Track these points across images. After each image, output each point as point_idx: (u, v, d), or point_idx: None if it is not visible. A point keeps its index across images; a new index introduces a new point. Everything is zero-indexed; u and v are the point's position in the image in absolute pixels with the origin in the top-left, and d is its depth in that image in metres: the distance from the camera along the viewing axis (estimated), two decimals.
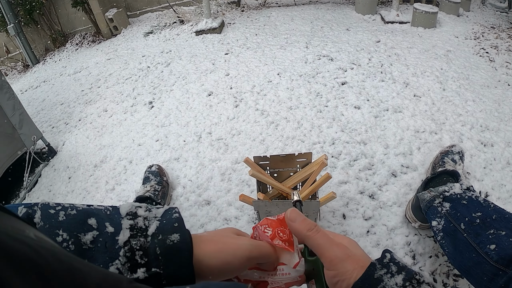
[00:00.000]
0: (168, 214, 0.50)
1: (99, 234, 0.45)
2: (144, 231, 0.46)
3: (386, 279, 0.42)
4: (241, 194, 1.11)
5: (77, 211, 0.46)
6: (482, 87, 2.18)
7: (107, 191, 1.75)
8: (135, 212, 0.49)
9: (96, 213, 0.47)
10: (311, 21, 3.36)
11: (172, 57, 3.01)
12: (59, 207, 0.46)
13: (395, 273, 0.42)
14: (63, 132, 2.38)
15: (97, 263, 0.43)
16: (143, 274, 0.43)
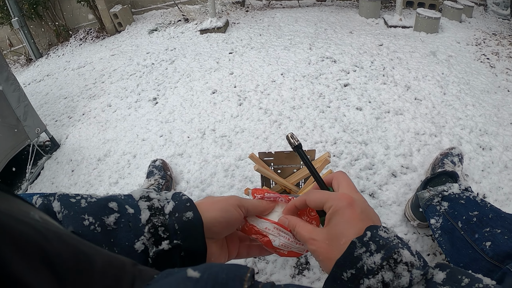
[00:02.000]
0: (178, 195, 0.55)
1: (120, 216, 0.48)
2: (161, 210, 0.51)
3: (365, 257, 0.43)
4: (246, 188, 1.14)
5: (97, 198, 0.50)
6: (482, 92, 2.22)
7: (110, 184, 1.77)
8: (148, 196, 0.54)
9: (114, 198, 0.51)
10: (315, 23, 3.39)
11: (176, 55, 3.03)
12: (79, 196, 0.49)
13: (374, 251, 0.43)
14: (66, 125, 2.41)
15: (122, 241, 0.46)
16: (167, 245, 0.48)
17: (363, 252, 0.43)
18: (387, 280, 0.41)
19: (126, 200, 0.52)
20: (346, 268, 0.43)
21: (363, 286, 0.41)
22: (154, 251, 0.47)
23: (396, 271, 0.41)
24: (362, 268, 0.42)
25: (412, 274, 0.41)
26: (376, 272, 0.41)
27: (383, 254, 0.42)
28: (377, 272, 0.41)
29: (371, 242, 0.43)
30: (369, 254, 0.42)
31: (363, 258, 0.43)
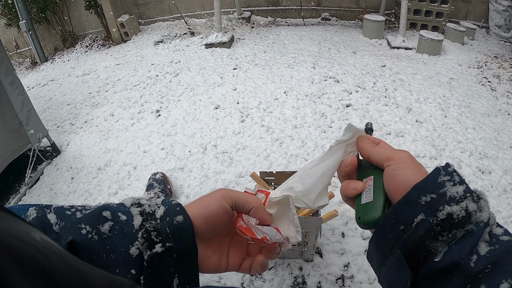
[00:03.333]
0: (168, 201, 0.54)
1: (114, 224, 0.49)
2: (152, 215, 0.51)
3: (448, 185, 0.41)
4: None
5: (90, 208, 0.50)
6: (483, 115, 2.23)
7: (109, 194, 1.78)
8: (139, 202, 0.53)
9: (107, 207, 0.51)
10: (319, 42, 3.43)
11: (181, 68, 3.06)
12: (73, 209, 0.50)
13: (457, 183, 0.41)
14: (68, 132, 2.41)
15: (118, 247, 0.48)
16: (160, 248, 0.49)
17: (447, 180, 0.42)
18: (471, 210, 0.40)
19: (118, 208, 0.52)
20: (426, 192, 0.42)
21: (442, 213, 0.40)
22: (148, 254, 0.48)
23: (480, 205, 0.40)
24: (444, 195, 0.41)
25: (490, 213, 0.40)
26: (459, 200, 0.40)
27: (465, 187, 0.41)
28: (461, 200, 0.40)
29: (455, 174, 0.42)
30: (453, 184, 0.41)
31: (447, 185, 0.41)
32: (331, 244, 1.38)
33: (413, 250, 0.41)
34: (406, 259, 0.42)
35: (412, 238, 0.41)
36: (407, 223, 0.42)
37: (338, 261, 1.32)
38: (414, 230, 0.41)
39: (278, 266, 1.31)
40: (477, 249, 0.39)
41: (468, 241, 0.39)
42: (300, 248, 1.26)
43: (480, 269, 0.37)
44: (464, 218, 0.39)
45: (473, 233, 0.39)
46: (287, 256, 1.32)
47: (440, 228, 0.40)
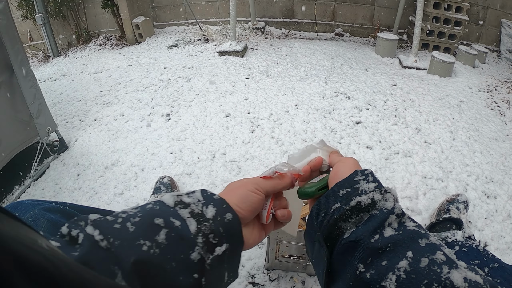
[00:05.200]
0: (208, 196, 0.57)
1: (169, 231, 0.50)
2: (202, 216, 0.54)
3: (362, 183, 0.52)
4: None
5: (139, 216, 0.50)
6: (491, 139, 2.24)
7: (115, 194, 1.78)
8: (181, 200, 0.55)
9: (155, 212, 0.52)
10: (331, 57, 3.45)
11: (193, 73, 3.08)
12: (118, 218, 0.50)
13: (370, 181, 0.52)
14: (77, 128, 2.42)
15: (177, 254, 0.49)
16: (220, 250, 0.53)
17: (362, 179, 0.53)
18: (376, 199, 0.50)
19: (165, 210, 0.53)
20: (344, 187, 0.53)
21: (353, 201, 0.50)
22: (211, 258, 0.51)
23: (385, 196, 0.51)
24: (357, 189, 0.52)
25: (395, 203, 0.51)
26: (368, 192, 0.51)
27: (377, 184, 0.52)
28: (369, 192, 0.51)
29: (369, 175, 0.54)
30: (366, 182, 0.52)
31: (360, 183, 0.52)
32: None
33: (329, 231, 0.51)
34: (324, 241, 0.51)
35: (329, 221, 0.51)
36: (327, 211, 0.52)
37: None
38: (331, 216, 0.51)
39: (281, 278, 1.32)
40: (382, 231, 0.47)
41: (372, 223, 0.48)
42: (304, 262, 1.26)
43: (380, 246, 0.46)
44: (369, 205, 0.50)
45: (376, 216, 0.48)
46: (291, 269, 1.32)
47: (350, 212, 0.50)
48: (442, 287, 0.41)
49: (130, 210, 0.53)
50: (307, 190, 0.62)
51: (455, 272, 0.42)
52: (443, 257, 0.44)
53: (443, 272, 0.42)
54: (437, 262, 0.44)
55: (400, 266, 0.44)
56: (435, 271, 0.43)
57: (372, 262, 0.46)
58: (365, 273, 0.46)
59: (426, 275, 0.42)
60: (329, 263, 0.52)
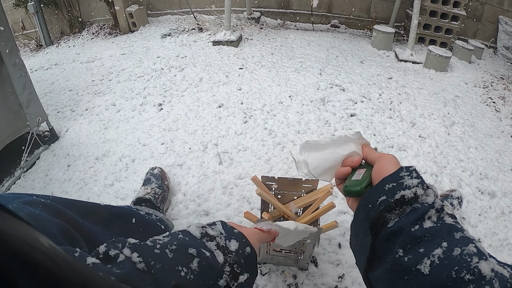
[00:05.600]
0: (228, 229, 0.67)
1: (200, 260, 0.58)
2: (227, 249, 0.63)
3: (406, 178, 0.57)
4: (246, 211, 1.12)
5: (174, 245, 0.58)
6: (486, 135, 2.23)
7: (105, 186, 1.75)
8: (207, 233, 0.64)
9: (187, 242, 0.60)
10: (327, 49, 3.41)
11: (186, 63, 3.03)
12: (156, 244, 0.57)
13: (414, 177, 0.57)
14: (68, 118, 2.38)
15: (207, 280, 0.57)
16: (242, 279, 0.62)
17: (406, 175, 0.58)
18: (418, 194, 0.55)
19: (194, 240, 0.62)
20: (390, 182, 0.58)
21: (397, 194, 0.56)
22: (235, 285, 0.60)
23: (427, 192, 0.56)
24: (402, 183, 0.57)
25: (435, 199, 0.56)
26: (411, 187, 0.56)
27: (420, 180, 0.57)
28: (412, 187, 0.56)
29: (413, 171, 0.59)
30: (410, 178, 0.57)
31: (405, 178, 0.58)
32: (327, 254, 1.36)
33: (375, 221, 0.57)
34: (370, 229, 0.57)
35: (375, 212, 0.57)
36: (373, 203, 0.58)
37: (333, 272, 1.30)
38: (377, 207, 0.57)
39: (272, 272, 1.29)
40: (422, 223, 0.53)
41: (413, 214, 0.54)
42: (296, 256, 1.24)
43: (419, 235, 0.52)
44: (412, 199, 0.55)
45: (418, 209, 0.54)
46: (282, 263, 1.30)
47: (394, 204, 0.56)
48: (471, 274, 0.46)
49: (164, 238, 0.60)
50: (355, 189, 0.66)
51: (484, 263, 0.47)
52: (474, 249, 0.49)
53: (473, 262, 0.47)
54: (469, 253, 0.48)
55: (435, 253, 0.49)
56: (465, 260, 0.47)
57: (411, 249, 0.52)
58: (403, 257, 0.52)
59: (457, 263, 0.47)
60: (372, 250, 0.58)
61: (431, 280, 0.48)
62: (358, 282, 1.29)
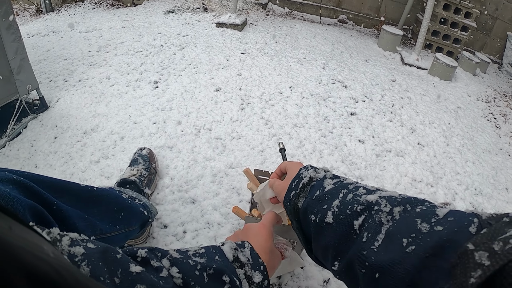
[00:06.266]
0: (254, 256, 0.73)
1: (231, 286, 0.64)
2: (251, 279, 0.69)
3: (304, 172, 0.74)
4: (235, 206, 1.06)
5: (213, 269, 0.63)
6: (484, 151, 2.20)
7: (91, 162, 1.67)
8: (238, 257, 0.70)
9: (222, 267, 0.65)
10: (332, 43, 3.34)
11: (187, 42, 2.94)
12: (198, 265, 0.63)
13: (310, 169, 0.74)
14: (59, 88, 2.29)
15: None
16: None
17: (304, 171, 0.74)
18: (312, 175, 0.72)
19: (227, 263, 0.67)
20: (294, 180, 0.74)
21: (300, 184, 0.71)
22: None
23: (317, 171, 0.73)
24: (301, 177, 0.73)
25: (326, 173, 0.72)
26: (307, 175, 0.72)
27: (313, 169, 0.74)
28: (307, 175, 0.72)
29: (309, 167, 0.75)
30: (306, 170, 0.74)
31: (303, 173, 0.74)
32: None
33: (294, 211, 0.70)
34: (294, 219, 0.71)
35: (291, 204, 0.71)
36: (289, 199, 0.72)
37: (318, 275, 1.25)
38: (292, 201, 0.71)
39: None
40: (323, 190, 0.66)
41: (313, 189, 0.68)
42: None
43: (320, 198, 0.64)
44: (308, 181, 0.71)
45: (315, 185, 0.69)
46: None
47: (299, 191, 0.71)
48: (361, 205, 0.56)
49: (201, 258, 0.65)
50: None
51: (371, 195, 0.57)
52: (363, 190, 0.60)
53: (362, 197, 0.58)
54: (358, 194, 0.59)
55: (334, 204, 0.60)
56: (356, 199, 0.58)
57: (318, 210, 0.63)
58: (316, 219, 0.63)
59: (350, 203, 0.58)
60: (302, 231, 0.70)
61: (336, 225, 0.58)
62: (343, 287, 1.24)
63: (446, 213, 0.46)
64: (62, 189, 0.82)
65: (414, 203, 0.52)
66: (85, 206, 0.87)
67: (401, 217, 0.51)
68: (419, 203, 0.52)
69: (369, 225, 0.54)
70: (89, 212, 0.87)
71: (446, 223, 0.44)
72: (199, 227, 1.36)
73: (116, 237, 0.95)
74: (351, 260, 0.54)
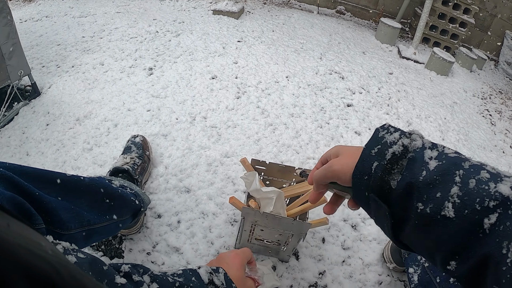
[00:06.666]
0: (228, 281, 0.75)
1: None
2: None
3: (387, 136, 0.55)
4: (232, 197, 1.04)
5: (193, 282, 0.70)
6: (479, 147, 2.20)
7: (84, 149, 1.64)
8: (213, 280, 0.73)
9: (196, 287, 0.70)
10: (330, 34, 3.31)
11: (183, 29, 2.89)
12: (176, 282, 0.67)
13: (393, 132, 0.56)
14: (52, 74, 2.23)
15: None
16: None
17: (385, 133, 0.56)
18: (406, 144, 0.53)
19: (202, 285, 0.71)
20: (373, 146, 0.55)
21: (387, 154, 0.53)
22: None
23: (412, 137, 0.54)
24: (386, 142, 0.54)
25: (423, 140, 0.54)
26: (396, 142, 0.54)
27: (400, 132, 0.55)
28: (397, 141, 0.54)
29: (390, 127, 0.57)
30: (389, 134, 0.55)
31: (386, 137, 0.55)
32: (310, 248, 1.30)
33: (379, 188, 0.53)
34: (379, 198, 0.53)
35: (375, 180, 0.53)
36: (368, 173, 0.54)
37: (314, 267, 1.24)
38: (374, 175, 0.54)
39: None
40: (426, 166, 0.50)
41: (413, 164, 0.51)
42: (278, 248, 1.17)
43: (429, 181, 0.49)
44: (403, 151, 0.53)
45: (414, 157, 0.52)
46: (262, 252, 1.23)
47: (390, 165, 0.53)
48: (494, 199, 0.44)
49: (179, 278, 0.69)
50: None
51: (501, 185, 0.45)
52: (487, 174, 0.47)
53: (491, 187, 0.45)
54: (483, 180, 0.46)
55: (452, 193, 0.47)
56: (483, 188, 0.46)
57: (428, 198, 0.49)
58: (425, 209, 0.49)
59: (477, 194, 0.46)
60: (391, 215, 0.54)
61: (459, 221, 0.46)
62: (338, 281, 1.23)
63: None
64: (47, 179, 0.79)
65: None
66: (72, 196, 0.84)
67: None
68: None
69: (505, 228, 0.43)
70: (76, 202, 0.84)
71: None
72: (193, 217, 1.34)
73: (106, 228, 0.93)
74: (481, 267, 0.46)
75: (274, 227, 1.04)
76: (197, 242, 1.26)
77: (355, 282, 1.25)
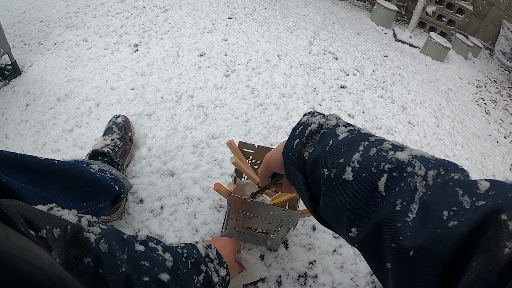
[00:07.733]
0: (219, 256, 0.87)
1: (205, 276, 0.77)
2: (218, 272, 0.83)
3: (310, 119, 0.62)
4: (217, 183, 0.96)
5: (194, 259, 0.77)
6: (473, 135, 2.17)
7: (64, 131, 1.54)
8: (208, 254, 0.84)
9: (200, 259, 0.79)
10: (324, 13, 3.21)
11: (171, 4, 2.77)
12: (184, 256, 0.75)
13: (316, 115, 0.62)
14: (34, 52, 2.12)
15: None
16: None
17: (310, 116, 0.62)
18: (322, 122, 0.60)
19: (201, 257, 0.81)
20: (298, 127, 0.62)
21: (306, 132, 0.59)
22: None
23: (328, 118, 0.61)
24: (307, 123, 0.61)
25: (338, 120, 0.60)
26: (315, 122, 0.60)
27: (322, 115, 0.62)
28: (316, 121, 0.60)
29: (315, 112, 0.63)
30: (313, 116, 0.62)
31: (309, 119, 0.61)
32: (300, 236, 1.23)
33: (298, 162, 0.59)
34: (298, 171, 0.59)
35: (295, 154, 0.59)
36: (291, 149, 0.60)
37: (303, 257, 1.18)
38: (294, 150, 0.59)
39: None
40: (336, 138, 0.55)
41: (324, 137, 0.57)
42: (266, 236, 1.10)
43: (334, 149, 0.53)
44: (318, 128, 0.59)
45: (326, 133, 0.57)
46: (249, 241, 1.16)
47: (306, 140, 0.59)
48: (390, 163, 0.46)
49: (184, 250, 0.77)
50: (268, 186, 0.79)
51: (400, 152, 0.47)
52: (389, 145, 0.50)
53: (389, 154, 0.48)
54: (384, 149, 0.49)
55: (353, 159, 0.50)
56: (382, 155, 0.48)
57: (333, 164, 0.52)
58: (330, 174, 0.52)
59: (375, 159, 0.48)
60: (308, 187, 0.59)
61: (357, 184, 0.48)
62: (329, 271, 1.17)
63: (488, 187, 0.40)
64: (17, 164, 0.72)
65: (448, 167, 0.45)
66: (45, 182, 0.77)
67: (436, 184, 0.43)
68: (454, 169, 0.45)
69: (401, 189, 0.44)
70: (50, 188, 0.77)
71: (488, 196, 0.38)
72: (177, 202, 1.26)
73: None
74: (378, 229, 0.45)
75: (262, 216, 0.98)
76: (181, 229, 1.19)
77: (346, 272, 1.19)
